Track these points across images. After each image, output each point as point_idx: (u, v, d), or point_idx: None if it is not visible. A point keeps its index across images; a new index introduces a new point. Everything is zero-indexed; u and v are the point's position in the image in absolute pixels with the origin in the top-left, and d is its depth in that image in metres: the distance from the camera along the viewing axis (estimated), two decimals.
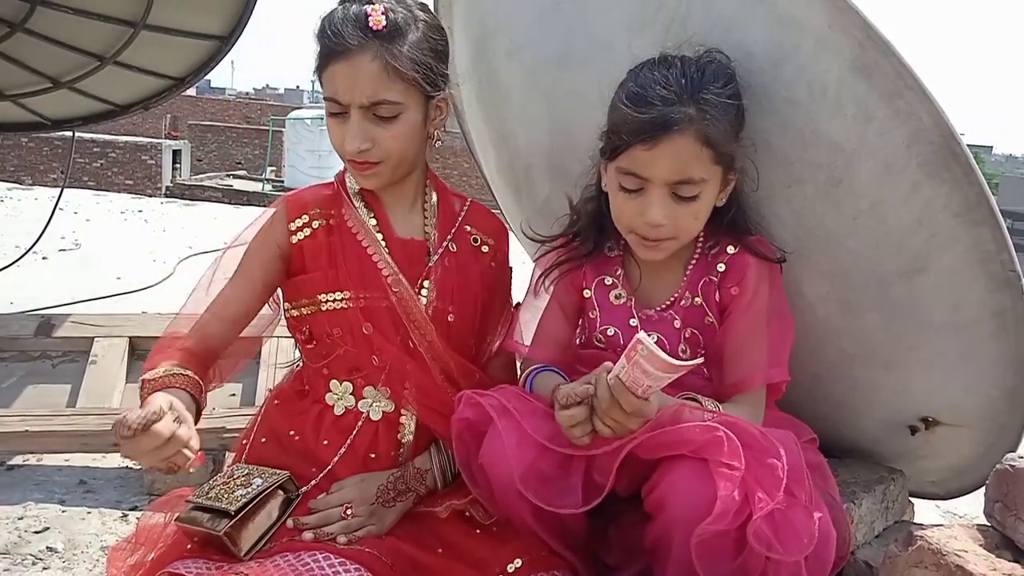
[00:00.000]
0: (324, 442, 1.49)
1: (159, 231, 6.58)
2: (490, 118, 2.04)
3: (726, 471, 1.20)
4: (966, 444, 1.68)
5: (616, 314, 1.54)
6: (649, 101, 1.34)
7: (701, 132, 1.33)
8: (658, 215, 1.37)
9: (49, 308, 3.63)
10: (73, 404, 2.53)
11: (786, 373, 1.45)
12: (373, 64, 1.38)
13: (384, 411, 1.50)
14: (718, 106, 1.34)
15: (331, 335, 1.50)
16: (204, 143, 23.52)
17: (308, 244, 1.50)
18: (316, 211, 1.52)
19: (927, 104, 1.31)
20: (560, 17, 1.66)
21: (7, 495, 2.17)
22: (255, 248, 1.51)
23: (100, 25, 3.27)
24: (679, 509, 1.24)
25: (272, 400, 1.59)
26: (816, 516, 1.27)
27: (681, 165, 1.34)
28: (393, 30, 1.40)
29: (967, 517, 2.29)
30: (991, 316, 1.46)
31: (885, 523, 1.74)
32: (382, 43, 1.39)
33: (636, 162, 1.37)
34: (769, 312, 1.45)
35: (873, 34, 1.30)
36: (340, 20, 1.40)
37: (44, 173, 17.82)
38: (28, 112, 3.77)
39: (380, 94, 1.40)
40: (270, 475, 1.40)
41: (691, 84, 1.34)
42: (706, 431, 1.24)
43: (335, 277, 1.48)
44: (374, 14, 1.38)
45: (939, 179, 1.36)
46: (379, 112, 1.41)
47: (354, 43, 1.38)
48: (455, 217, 1.60)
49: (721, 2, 1.42)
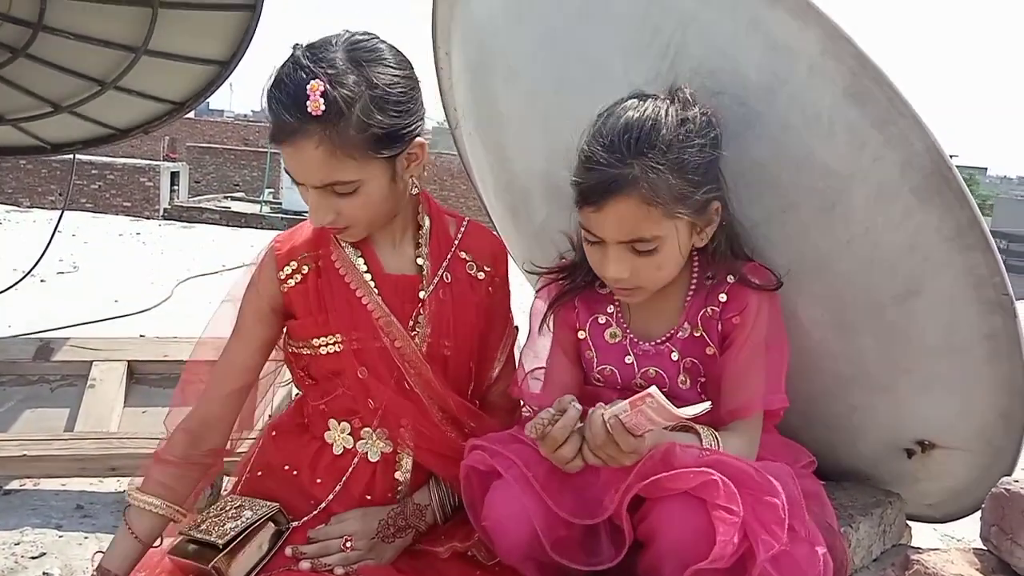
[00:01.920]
0: (318, 480, 1.48)
1: (157, 253, 6.59)
2: (488, 142, 2.06)
3: (724, 515, 1.19)
4: (963, 467, 1.69)
5: (612, 353, 1.52)
6: (595, 162, 1.31)
7: (645, 194, 1.29)
8: (615, 271, 1.37)
9: (47, 331, 3.62)
10: (71, 428, 2.53)
11: (785, 399, 1.45)
12: (318, 151, 1.28)
13: (383, 451, 1.48)
14: (669, 161, 1.30)
15: (329, 377, 1.49)
16: (202, 165, 23.61)
17: (298, 290, 1.47)
18: (304, 255, 1.47)
19: (919, 131, 1.33)
20: (557, 43, 1.68)
21: (4, 520, 2.15)
22: (249, 304, 1.49)
23: (101, 50, 3.30)
24: (669, 542, 1.24)
25: (269, 432, 1.58)
26: (820, 552, 1.27)
27: (629, 227, 1.33)
28: (335, 110, 1.26)
29: (965, 540, 2.28)
30: (984, 339, 1.47)
31: (883, 547, 1.74)
32: (324, 126, 1.26)
33: (588, 221, 1.37)
34: (767, 338, 1.44)
35: (865, 62, 1.32)
36: (277, 100, 1.28)
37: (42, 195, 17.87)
38: (28, 136, 3.79)
39: (332, 176, 1.32)
40: (260, 507, 1.40)
41: (640, 143, 1.30)
42: (699, 475, 1.23)
43: (326, 322, 1.45)
44: (313, 95, 1.25)
45: (931, 204, 1.38)
46: (337, 190, 1.34)
47: (295, 129, 1.27)
48: (450, 243, 1.53)
49: (716, 29, 1.45)
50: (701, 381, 1.49)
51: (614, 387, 1.53)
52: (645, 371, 1.50)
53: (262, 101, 1.33)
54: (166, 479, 1.45)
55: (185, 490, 1.46)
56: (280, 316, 1.49)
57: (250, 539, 1.35)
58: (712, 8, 1.44)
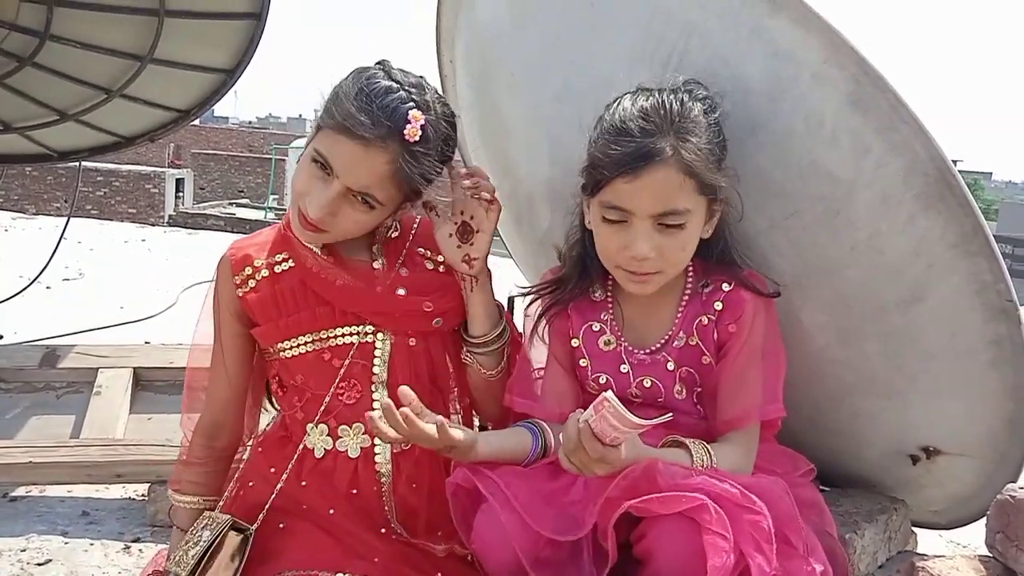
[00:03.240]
0: (303, 483, 1.49)
1: (162, 260, 6.62)
2: (492, 150, 2.06)
3: (716, 540, 1.18)
4: (968, 473, 1.69)
5: (606, 361, 1.52)
6: (629, 133, 1.32)
7: (683, 162, 1.31)
8: (644, 248, 1.35)
9: (53, 338, 3.64)
10: (77, 435, 2.54)
11: (781, 409, 1.43)
12: (385, 166, 1.35)
13: (362, 447, 1.49)
14: (699, 135, 1.34)
15: (295, 380, 1.51)
16: (207, 172, 23.64)
17: (252, 297, 1.50)
18: (259, 262, 1.51)
19: (922, 137, 1.34)
20: (561, 51, 1.69)
21: (10, 527, 2.16)
22: (216, 313, 1.55)
23: (107, 59, 3.31)
24: (666, 562, 1.23)
25: (256, 448, 1.60)
26: (818, 569, 1.26)
27: (664, 196, 1.33)
28: (421, 144, 1.35)
29: (971, 547, 2.28)
30: (989, 345, 1.47)
31: (888, 553, 1.74)
32: (403, 150, 1.34)
33: (619, 195, 1.35)
34: (764, 347, 1.43)
35: (868, 69, 1.33)
36: (379, 106, 1.33)
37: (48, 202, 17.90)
38: (35, 144, 3.80)
39: (372, 189, 1.38)
40: (216, 524, 1.41)
41: (670, 114, 1.33)
42: (689, 500, 1.21)
43: (289, 324, 1.48)
44: (413, 123, 1.33)
45: (935, 210, 1.38)
46: (363, 198, 1.39)
47: (380, 137, 1.33)
48: (404, 243, 1.57)
49: (719, 37, 1.45)
50: (697, 391, 1.48)
51: None
52: (640, 381, 1.49)
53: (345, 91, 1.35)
54: (197, 477, 1.56)
55: (218, 482, 1.58)
56: (243, 322, 1.53)
57: (214, 558, 1.38)
58: (715, 17, 1.44)
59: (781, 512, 1.25)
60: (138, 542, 2.11)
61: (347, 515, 1.46)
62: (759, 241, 1.52)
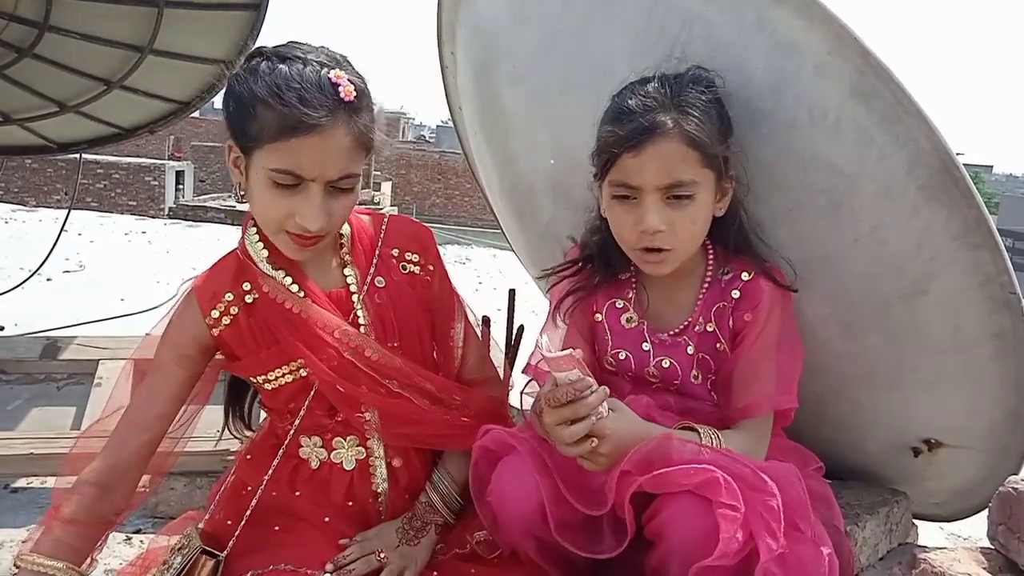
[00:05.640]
0: (296, 493, 1.47)
1: (162, 252, 6.60)
2: (493, 142, 2.06)
3: (728, 512, 1.19)
4: (969, 466, 1.69)
5: (628, 338, 1.54)
6: (631, 111, 1.37)
7: (685, 134, 1.35)
8: (654, 221, 1.38)
9: (54, 330, 3.63)
10: (78, 426, 2.53)
11: (794, 400, 1.44)
12: (347, 139, 1.28)
13: (357, 459, 1.47)
14: (700, 108, 1.37)
15: (287, 406, 1.46)
16: (207, 164, 23.66)
17: (229, 333, 1.41)
18: (230, 297, 1.41)
19: (926, 129, 1.33)
20: (562, 43, 1.68)
21: (11, 518, 2.16)
22: (168, 351, 1.42)
23: (107, 50, 3.30)
24: (677, 541, 1.24)
25: (244, 456, 1.56)
26: (825, 552, 1.26)
27: (669, 168, 1.36)
28: (359, 98, 1.30)
29: (971, 540, 2.28)
30: (991, 338, 1.47)
31: (889, 545, 1.74)
32: (351, 115, 1.29)
33: (626, 172, 1.38)
34: (779, 339, 1.44)
35: (872, 60, 1.32)
36: (303, 87, 1.25)
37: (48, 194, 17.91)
38: (34, 136, 3.80)
39: (349, 168, 1.31)
40: (187, 550, 1.36)
41: (670, 91, 1.38)
42: (701, 472, 1.23)
43: (275, 354, 1.41)
44: (342, 82, 1.27)
45: (938, 202, 1.37)
46: (341, 185, 1.32)
47: (326, 115, 1.26)
48: (374, 244, 1.49)
49: (722, 28, 1.45)
50: (712, 378, 1.49)
51: (627, 374, 1.53)
52: (659, 361, 1.51)
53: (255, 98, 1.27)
54: (70, 539, 1.32)
55: (88, 549, 1.35)
56: (207, 356, 1.44)
57: None
58: (717, 8, 1.44)
59: (792, 497, 1.26)
60: (139, 533, 2.11)
61: (342, 521, 1.46)
62: (761, 234, 1.52)
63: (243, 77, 1.30)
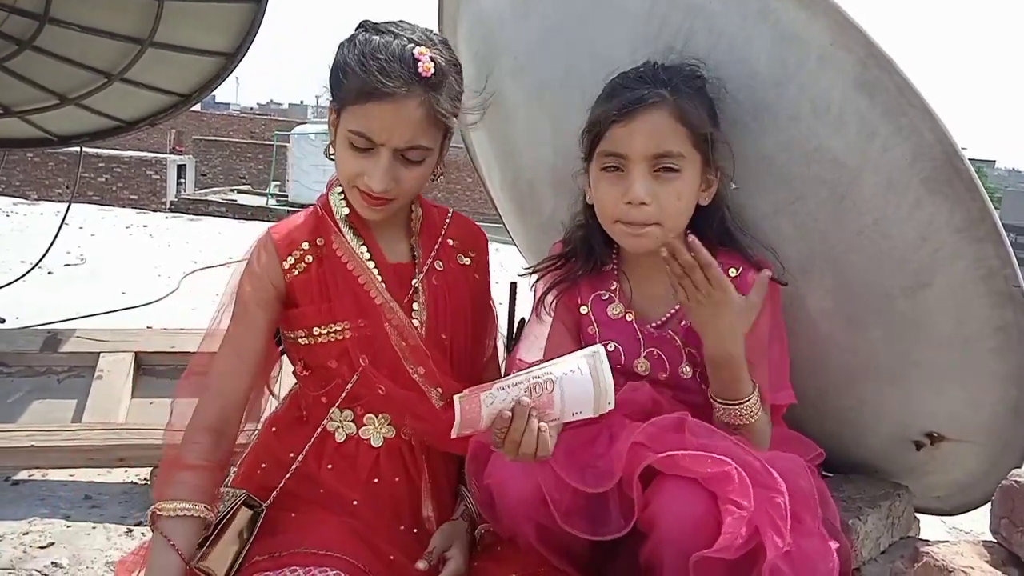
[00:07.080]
0: (328, 466, 1.48)
1: (164, 246, 6.59)
2: (495, 135, 2.05)
3: (733, 508, 1.18)
4: (971, 460, 1.68)
5: (616, 329, 1.53)
6: (623, 87, 1.41)
7: (675, 108, 1.37)
8: (640, 191, 1.38)
9: (55, 323, 3.63)
10: (79, 419, 2.53)
11: (792, 395, 1.44)
12: (419, 111, 1.37)
13: (386, 437, 1.50)
14: (692, 91, 1.40)
15: (327, 366, 1.49)
16: (209, 158, 23.66)
17: (302, 279, 1.48)
18: (306, 245, 1.49)
19: (929, 121, 1.32)
20: (564, 36, 1.68)
21: (12, 510, 2.17)
22: (250, 291, 1.48)
23: (107, 42, 3.29)
24: (668, 530, 1.24)
25: (269, 427, 1.58)
26: (833, 546, 1.25)
27: (657, 137, 1.38)
28: (439, 77, 1.38)
29: (973, 533, 2.28)
30: (995, 331, 1.47)
31: (891, 539, 1.74)
32: (427, 90, 1.37)
33: (614, 141, 1.40)
34: (769, 335, 1.44)
35: (875, 51, 1.31)
36: (386, 59, 1.35)
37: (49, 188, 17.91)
38: (35, 128, 3.79)
39: (417, 140, 1.39)
40: (230, 498, 1.41)
41: (662, 71, 1.42)
42: (717, 463, 1.22)
43: (328, 310, 1.47)
44: (423, 59, 1.36)
45: (942, 195, 1.37)
46: (410, 156, 1.41)
47: (401, 87, 1.35)
48: (439, 231, 1.59)
49: (724, 20, 1.44)
50: (700, 372, 1.48)
51: (616, 365, 1.52)
52: (650, 351, 1.51)
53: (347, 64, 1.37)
54: (201, 483, 1.39)
55: (215, 490, 1.42)
56: (281, 303, 1.50)
57: (225, 531, 1.37)
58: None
59: (798, 490, 1.26)
60: (140, 526, 2.12)
61: (370, 507, 1.46)
62: (763, 226, 1.51)
63: (345, 45, 1.41)
